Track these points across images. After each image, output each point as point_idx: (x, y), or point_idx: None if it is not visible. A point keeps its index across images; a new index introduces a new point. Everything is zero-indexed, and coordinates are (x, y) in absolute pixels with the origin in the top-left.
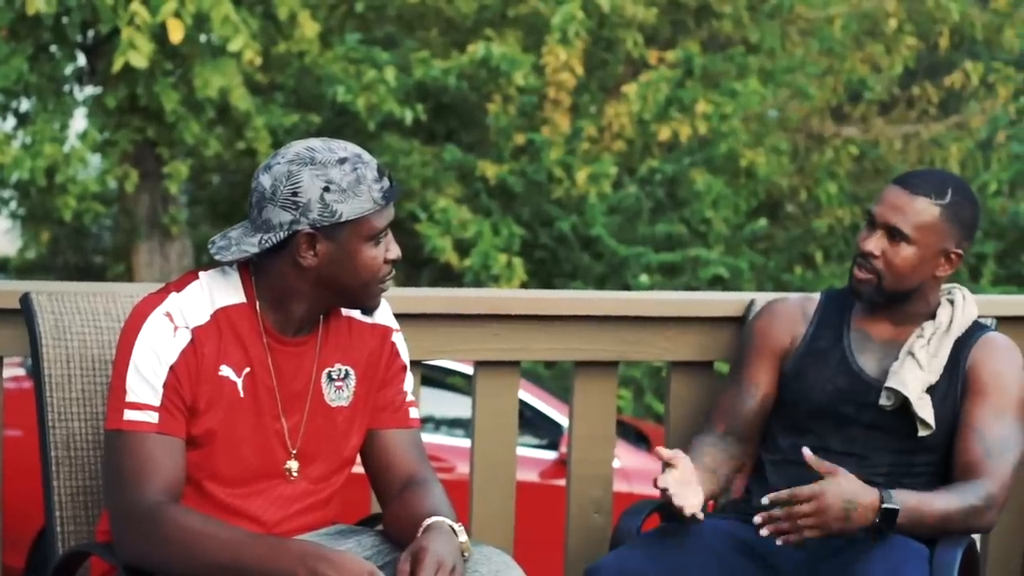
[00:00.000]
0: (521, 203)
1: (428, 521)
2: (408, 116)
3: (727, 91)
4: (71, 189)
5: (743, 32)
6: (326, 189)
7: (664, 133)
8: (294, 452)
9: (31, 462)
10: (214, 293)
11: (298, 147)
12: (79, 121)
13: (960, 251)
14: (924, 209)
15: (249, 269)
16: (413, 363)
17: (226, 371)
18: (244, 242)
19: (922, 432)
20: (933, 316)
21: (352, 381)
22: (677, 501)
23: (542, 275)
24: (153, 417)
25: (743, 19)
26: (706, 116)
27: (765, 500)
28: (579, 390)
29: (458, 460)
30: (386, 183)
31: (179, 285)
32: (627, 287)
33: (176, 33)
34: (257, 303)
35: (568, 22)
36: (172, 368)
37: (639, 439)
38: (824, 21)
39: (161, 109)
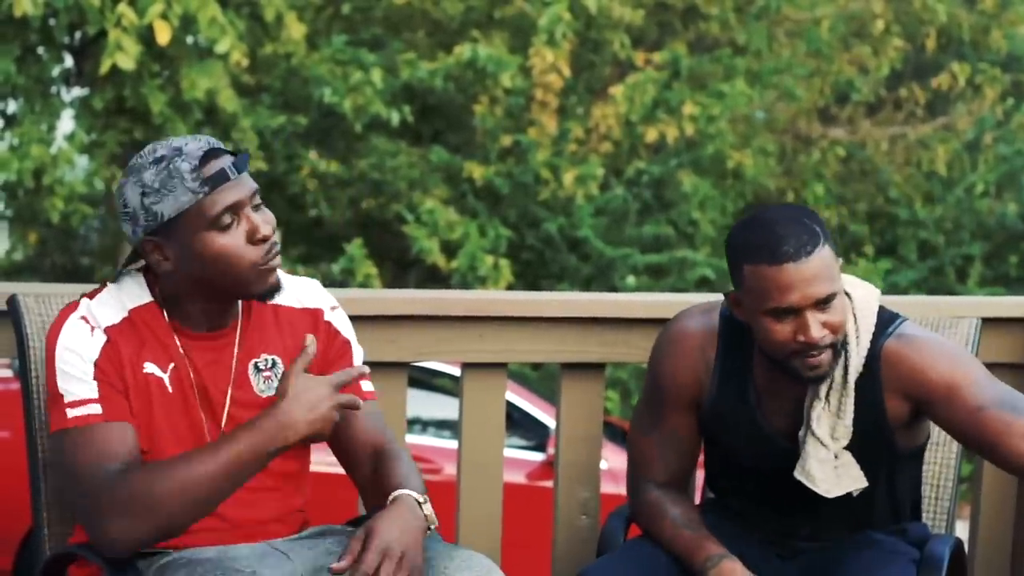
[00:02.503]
0: (508, 205)
1: (394, 495)
2: (395, 117)
3: (714, 92)
4: (58, 191)
5: (730, 33)
6: (143, 194)
7: (651, 135)
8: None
9: (18, 463)
10: (124, 296)
11: (135, 155)
12: (66, 123)
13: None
14: (828, 257)
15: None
16: (400, 364)
17: (151, 367)
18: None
19: (856, 492)
20: None
21: (280, 370)
22: None
23: (529, 277)
24: (97, 409)
25: (730, 20)
26: (693, 118)
27: None
28: (566, 392)
29: (445, 462)
30: (211, 168)
31: (91, 293)
32: (614, 289)
33: (163, 35)
34: (161, 302)
35: (555, 23)
36: (96, 364)
37: (626, 440)
38: (811, 22)
39: (148, 111)
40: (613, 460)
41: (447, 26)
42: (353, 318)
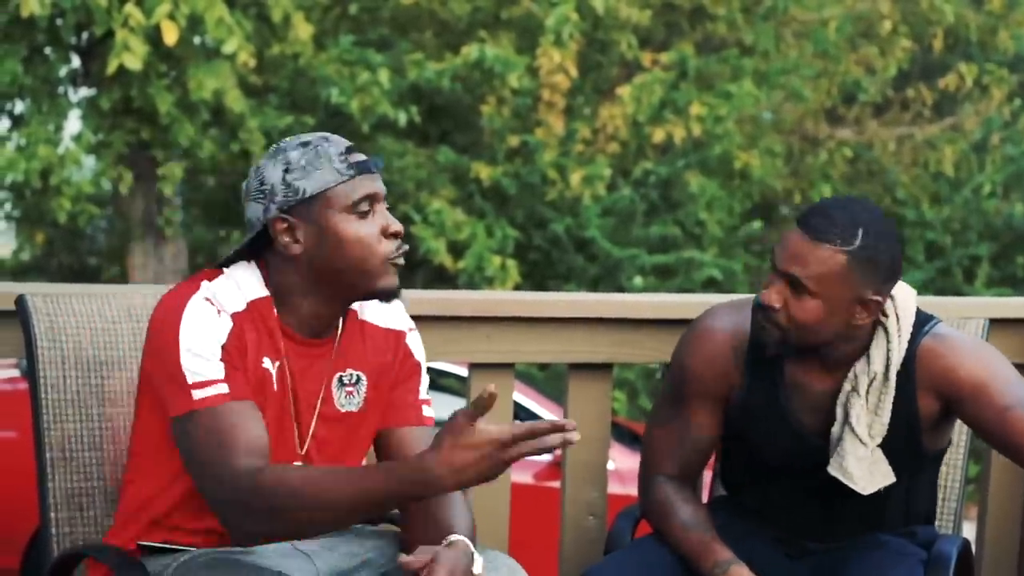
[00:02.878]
0: (515, 205)
1: (452, 538)
2: (402, 118)
3: (721, 93)
4: (65, 191)
5: (737, 34)
6: (286, 171)
7: (658, 135)
8: (302, 452)
9: (26, 463)
10: (242, 285)
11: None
12: (73, 123)
13: (879, 298)
14: (828, 258)
15: (264, 264)
16: None
17: (267, 363)
18: (237, 245)
19: (882, 490)
20: (865, 350)
21: (363, 387)
22: None
23: (536, 277)
24: (223, 388)
25: (737, 21)
26: (700, 118)
27: None
28: (573, 392)
29: None
30: (357, 156)
31: (208, 275)
32: (621, 289)
33: (170, 35)
34: (273, 300)
35: (562, 24)
36: (223, 347)
37: (634, 441)
38: (819, 23)
39: (155, 111)
40: (620, 461)
41: (454, 26)
42: None
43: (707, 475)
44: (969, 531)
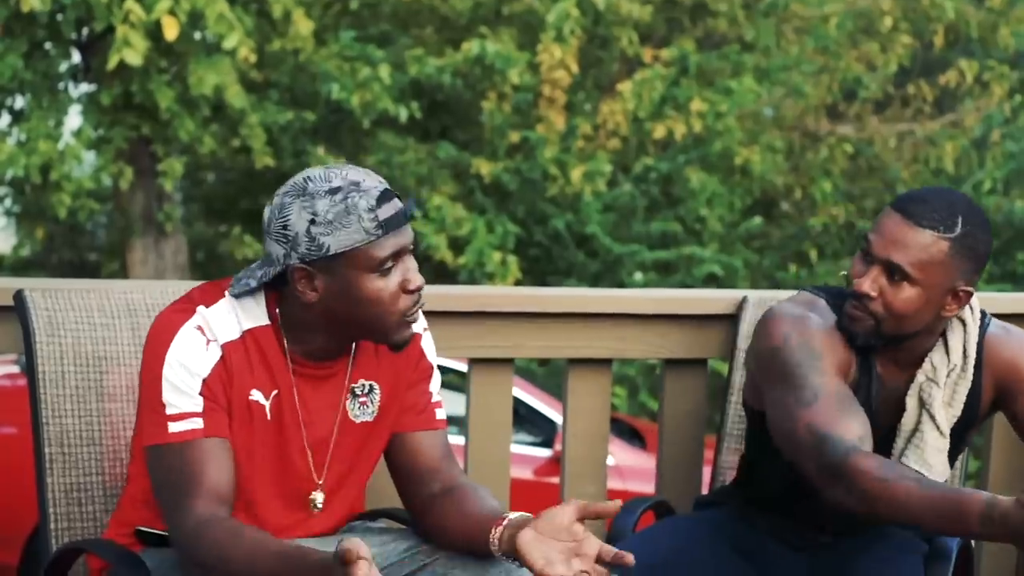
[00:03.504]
0: (516, 201)
1: (512, 516)
2: (403, 114)
3: (722, 89)
4: (66, 186)
5: (738, 30)
6: (312, 222)
7: (659, 131)
8: (320, 481)
9: (25, 459)
10: (240, 313)
11: (300, 176)
12: (74, 118)
13: (970, 288)
14: (930, 244)
15: (275, 295)
16: None
17: (256, 395)
18: (253, 274)
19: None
20: (935, 344)
21: (377, 396)
22: None
23: (536, 273)
24: (198, 423)
25: (738, 17)
26: (701, 114)
27: None
28: (573, 387)
29: None
30: (386, 211)
31: (206, 300)
32: (621, 285)
33: (171, 30)
34: (281, 328)
35: (563, 20)
36: (205, 381)
37: (633, 436)
38: (819, 19)
39: (156, 106)
40: (620, 456)
41: (455, 22)
42: None
43: (707, 471)
44: None
